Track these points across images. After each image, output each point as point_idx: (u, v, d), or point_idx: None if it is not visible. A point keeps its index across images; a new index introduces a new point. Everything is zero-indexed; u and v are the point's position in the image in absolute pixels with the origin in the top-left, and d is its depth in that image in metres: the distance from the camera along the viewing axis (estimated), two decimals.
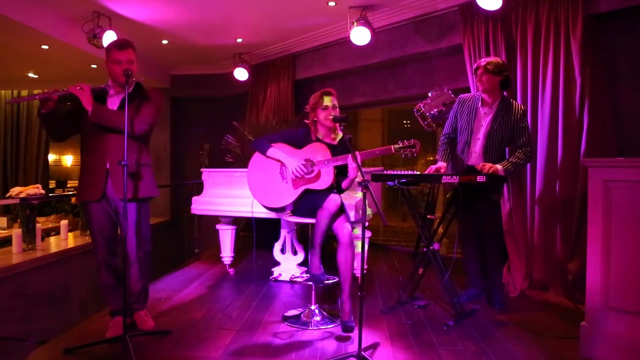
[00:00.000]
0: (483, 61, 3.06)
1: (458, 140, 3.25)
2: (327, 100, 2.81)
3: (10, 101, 2.59)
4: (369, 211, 3.28)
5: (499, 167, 2.91)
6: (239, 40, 5.74)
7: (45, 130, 2.66)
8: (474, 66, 3.14)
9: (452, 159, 3.30)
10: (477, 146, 3.13)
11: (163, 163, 7.38)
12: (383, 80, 5.29)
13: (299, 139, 2.90)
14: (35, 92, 2.52)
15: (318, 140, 2.88)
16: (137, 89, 2.66)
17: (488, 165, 2.91)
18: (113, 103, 2.61)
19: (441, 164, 3.20)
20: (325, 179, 2.79)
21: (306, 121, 2.94)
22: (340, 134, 2.88)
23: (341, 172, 2.84)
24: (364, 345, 2.33)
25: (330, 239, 3.37)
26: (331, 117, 2.78)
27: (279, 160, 2.86)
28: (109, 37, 4.68)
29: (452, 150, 3.29)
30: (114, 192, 2.55)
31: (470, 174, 2.88)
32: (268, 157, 2.88)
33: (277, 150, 2.86)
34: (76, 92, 2.47)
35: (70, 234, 4.94)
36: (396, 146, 2.68)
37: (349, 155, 2.65)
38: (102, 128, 2.54)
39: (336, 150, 2.85)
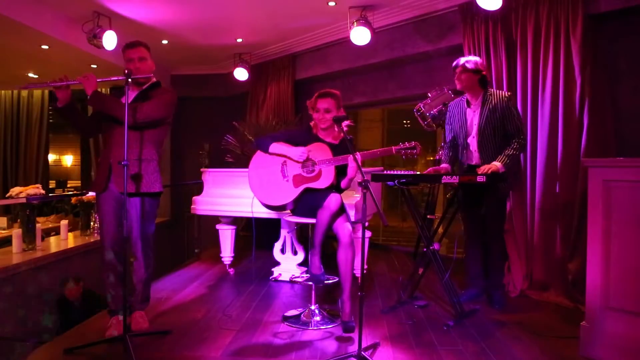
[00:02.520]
0: (462, 59, 3.10)
1: (458, 144, 3.27)
2: (320, 103, 2.81)
3: (22, 87, 2.78)
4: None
5: (497, 164, 2.91)
6: (239, 40, 5.74)
7: (73, 127, 2.81)
8: (453, 64, 3.15)
9: (455, 162, 3.32)
10: (474, 145, 3.14)
11: (163, 163, 7.36)
12: (383, 80, 5.29)
13: (301, 139, 2.90)
14: (49, 81, 2.63)
15: (319, 139, 2.89)
16: (152, 87, 2.76)
17: (486, 167, 2.90)
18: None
19: (444, 166, 3.22)
20: (326, 179, 2.80)
21: (310, 124, 2.96)
22: (342, 135, 2.88)
23: (341, 171, 2.84)
24: (364, 345, 2.33)
25: (330, 239, 3.37)
26: (333, 118, 2.77)
27: (282, 155, 2.86)
28: (109, 37, 4.68)
29: (455, 154, 3.31)
30: (115, 187, 2.61)
31: (470, 174, 2.88)
32: (271, 153, 2.88)
33: (280, 145, 2.86)
34: (81, 80, 2.57)
35: (70, 234, 4.94)
36: (397, 147, 2.70)
37: (350, 156, 2.65)
38: (110, 124, 2.64)
39: (338, 149, 2.85)
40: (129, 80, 2.46)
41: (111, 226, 2.65)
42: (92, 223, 5.16)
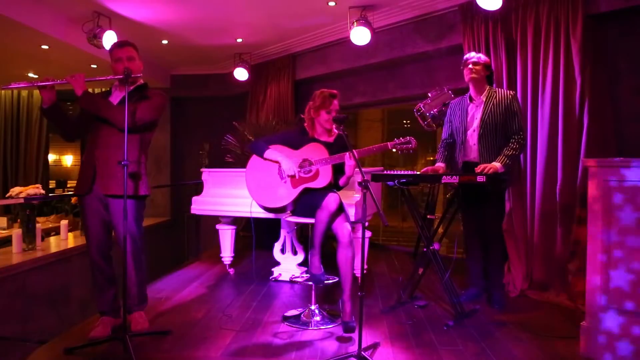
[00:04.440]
0: (472, 53, 3.18)
1: (455, 141, 3.27)
2: (335, 104, 2.82)
3: (3, 87, 2.76)
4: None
5: (497, 165, 2.90)
6: (239, 40, 5.74)
7: (56, 129, 2.75)
8: (465, 57, 3.18)
9: (451, 161, 3.32)
10: (474, 139, 3.14)
11: (163, 163, 7.38)
12: (383, 80, 5.29)
13: (296, 140, 2.91)
14: (34, 81, 2.62)
15: (314, 139, 2.89)
16: (140, 89, 2.72)
17: (487, 166, 2.89)
18: (114, 100, 2.67)
19: (439, 165, 3.22)
20: (324, 178, 2.80)
21: (303, 116, 2.94)
22: (336, 131, 2.88)
23: (339, 170, 2.85)
24: (364, 345, 2.33)
25: (330, 239, 3.37)
26: (333, 118, 2.79)
27: (276, 162, 2.86)
28: (109, 37, 4.68)
29: (451, 153, 3.30)
30: (100, 188, 2.58)
31: (468, 173, 2.88)
32: (266, 159, 2.88)
33: (275, 152, 2.86)
34: (69, 79, 2.53)
35: (70, 234, 4.94)
36: (392, 143, 2.73)
37: (347, 153, 2.66)
38: (98, 124, 2.60)
39: (333, 147, 2.85)
40: (126, 79, 2.44)
41: (96, 229, 2.63)
42: None
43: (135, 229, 2.66)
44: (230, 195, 3.90)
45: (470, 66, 3.13)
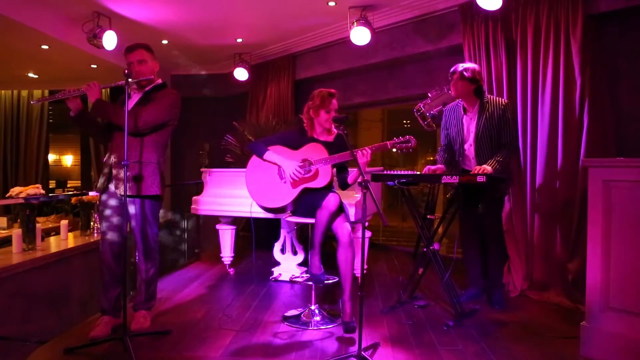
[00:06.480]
0: (460, 67, 3.06)
1: (454, 149, 3.27)
2: (334, 104, 2.82)
3: (34, 102, 2.89)
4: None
5: (487, 167, 2.90)
6: (239, 40, 5.74)
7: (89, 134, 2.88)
8: (451, 70, 3.12)
9: (451, 164, 3.32)
10: (471, 152, 3.16)
11: (163, 163, 7.37)
12: (383, 80, 5.29)
13: (296, 140, 2.91)
14: (57, 93, 2.68)
15: (314, 139, 2.89)
16: (155, 89, 2.77)
17: (478, 168, 2.91)
18: (131, 103, 2.73)
19: (440, 167, 3.22)
20: (323, 178, 2.80)
21: (301, 116, 2.94)
22: (336, 131, 2.88)
23: (343, 169, 2.86)
24: (364, 345, 2.33)
25: (330, 239, 3.37)
26: (333, 119, 2.79)
27: (276, 164, 2.86)
28: (109, 37, 4.68)
29: (451, 157, 3.31)
30: (114, 189, 2.65)
31: (469, 174, 2.88)
32: (265, 160, 2.88)
33: (274, 154, 2.86)
34: (85, 89, 2.61)
35: (70, 234, 4.93)
36: (392, 142, 2.73)
37: (359, 151, 2.67)
38: (114, 127, 2.69)
39: (333, 147, 2.85)
40: (129, 80, 2.48)
41: (110, 227, 2.68)
42: (92, 223, 5.16)
43: (151, 228, 2.73)
44: (230, 195, 3.90)
45: (452, 82, 3.08)
